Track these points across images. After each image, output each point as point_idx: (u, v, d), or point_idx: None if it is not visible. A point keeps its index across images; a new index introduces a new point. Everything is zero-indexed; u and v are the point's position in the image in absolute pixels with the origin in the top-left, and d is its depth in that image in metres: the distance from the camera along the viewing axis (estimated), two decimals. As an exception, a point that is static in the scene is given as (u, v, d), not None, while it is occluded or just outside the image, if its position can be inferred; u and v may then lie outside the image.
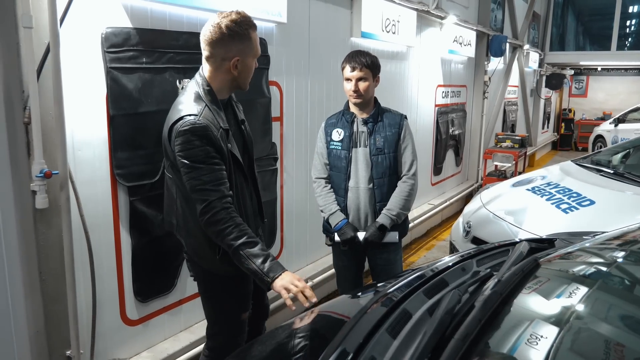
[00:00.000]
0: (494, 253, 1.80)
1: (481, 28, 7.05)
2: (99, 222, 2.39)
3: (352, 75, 2.69)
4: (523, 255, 1.52)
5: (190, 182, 1.93)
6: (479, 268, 1.60)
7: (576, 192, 3.58)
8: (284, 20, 3.27)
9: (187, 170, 1.92)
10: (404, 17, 4.86)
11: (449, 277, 1.49)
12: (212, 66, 2.02)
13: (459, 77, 6.93)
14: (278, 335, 1.71)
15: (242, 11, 2.03)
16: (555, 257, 1.61)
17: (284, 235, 3.72)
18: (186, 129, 1.89)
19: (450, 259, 1.85)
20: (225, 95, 2.12)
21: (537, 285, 1.41)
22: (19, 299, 2.04)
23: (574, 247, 1.71)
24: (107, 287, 2.48)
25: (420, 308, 1.27)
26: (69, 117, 2.17)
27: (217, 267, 2.10)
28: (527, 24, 9.75)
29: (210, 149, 1.92)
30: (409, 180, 2.76)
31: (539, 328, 1.20)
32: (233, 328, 2.24)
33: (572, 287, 1.40)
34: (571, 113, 15.49)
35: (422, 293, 1.38)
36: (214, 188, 1.92)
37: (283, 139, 3.58)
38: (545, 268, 1.49)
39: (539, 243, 1.87)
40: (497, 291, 1.18)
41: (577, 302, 1.33)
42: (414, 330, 1.14)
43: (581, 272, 1.51)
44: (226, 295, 2.18)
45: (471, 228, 3.73)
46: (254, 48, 2.06)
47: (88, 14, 2.22)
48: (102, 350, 2.48)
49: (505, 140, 7.53)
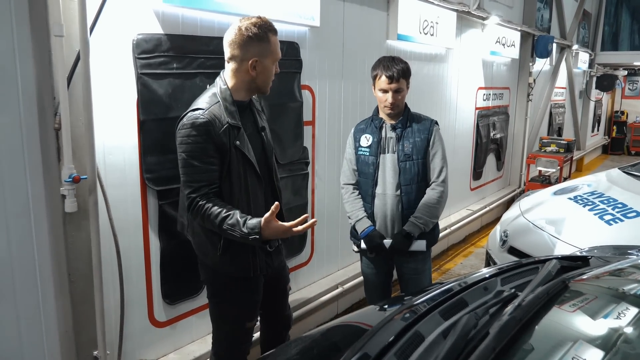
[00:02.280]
0: (524, 270, 1.71)
1: (526, 28, 6.81)
2: (128, 225, 2.44)
3: (390, 87, 2.61)
4: (551, 276, 1.43)
5: (183, 177, 2.04)
6: (503, 287, 1.52)
7: (622, 202, 3.40)
8: (316, 24, 3.24)
9: (182, 164, 2.02)
10: (443, 19, 4.74)
11: (469, 297, 1.42)
12: (232, 67, 2.08)
13: (502, 79, 6.72)
14: (296, 345, 1.68)
15: (264, 17, 2.10)
16: (586, 278, 1.51)
17: (314, 240, 3.70)
18: (188, 123, 1.97)
19: (478, 274, 1.78)
20: (243, 96, 2.14)
21: (566, 309, 1.32)
22: (49, 300, 2.10)
23: (609, 267, 1.60)
24: (136, 289, 2.52)
25: (435, 331, 1.21)
26: (100, 122, 2.22)
27: (220, 265, 2.13)
28: (577, 23, 9.37)
29: (209, 147, 1.99)
30: (437, 188, 2.68)
31: (562, 356, 1.12)
32: (237, 335, 2.25)
33: (604, 312, 1.31)
34: (624, 115, 14.77)
35: (439, 314, 1.32)
36: (195, 185, 2.00)
37: (315, 143, 3.55)
38: (575, 290, 1.39)
39: (572, 261, 1.76)
40: (516, 317, 1.11)
41: (608, 330, 1.24)
42: (425, 355, 1.09)
43: (615, 296, 1.40)
44: (231, 301, 2.20)
45: (508, 237, 3.60)
46: (273, 51, 2.10)
47: (119, 21, 2.26)
48: (130, 351, 2.53)
49: (550, 144, 7.26)
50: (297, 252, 3.55)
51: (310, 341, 1.55)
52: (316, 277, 3.78)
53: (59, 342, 2.15)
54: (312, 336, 1.64)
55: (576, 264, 1.71)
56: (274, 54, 2.11)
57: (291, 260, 3.50)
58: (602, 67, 11.83)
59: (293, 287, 3.56)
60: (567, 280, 1.40)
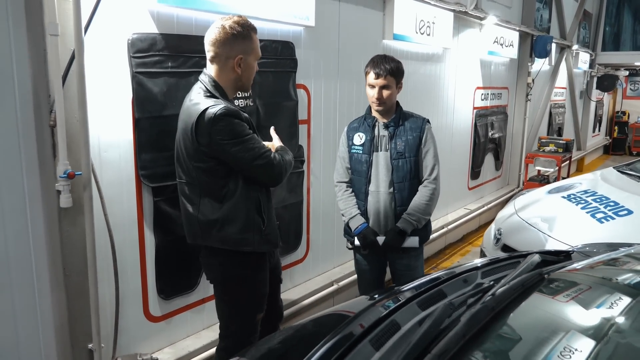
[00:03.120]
0: (506, 264, 1.74)
1: (524, 28, 6.83)
2: (123, 222, 2.48)
3: (376, 83, 2.66)
4: (530, 268, 1.47)
5: (249, 154, 2.07)
6: (483, 280, 1.56)
7: (614, 200, 3.43)
8: (311, 23, 3.28)
9: (239, 148, 2.05)
10: (440, 19, 4.77)
11: (449, 289, 1.46)
12: (217, 66, 2.14)
13: (500, 79, 6.75)
14: (285, 333, 1.73)
15: (243, 16, 2.18)
16: (563, 271, 1.54)
17: (310, 238, 3.74)
18: (223, 113, 2.01)
19: (462, 267, 1.81)
20: (230, 95, 2.21)
21: (540, 300, 1.36)
22: (45, 293, 2.14)
23: (586, 262, 1.63)
24: (131, 284, 2.56)
25: (411, 320, 1.25)
26: (96, 119, 2.27)
27: (261, 244, 2.21)
28: (577, 23, 9.38)
29: (246, 125, 2.08)
30: (429, 185, 2.72)
31: (534, 345, 1.16)
32: (248, 328, 2.29)
33: (573, 304, 1.34)
34: (625, 116, 14.75)
35: (417, 304, 1.36)
36: (267, 152, 2.14)
37: (310, 141, 3.59)
38: (552, 282, 1.43)
39: (555, 255, 1.80)
40: (488, 306, 1.15)
41: (579, 320, 1.27)
42: (400, 342, 1.13)
43: (587, 288, 1.44)
44: (244, 296, 2.25)
45: (502, 235, 3.64)
46: (255, 49, 2.19)
47: (115, 21, 2.31)
48: (125, 345, 2.57)
49: (548, 144, 7.28)
50: (293, 249, 3.59)
51: (294, 330, 1.59)
52: (312, 274, 3.82)
53: (54, 335, 2.20)
54: (298, 325, 1.68)
55: (558, 258, 1.75)
56: (256, 51, 2.20)
57: (286, 258, 3.54)
58: (603, 67, 11.82)
59: (288, 284, 3.60)
60: (543, 273, 1.44)
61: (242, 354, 1.46)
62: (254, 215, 2.17)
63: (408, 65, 4.59)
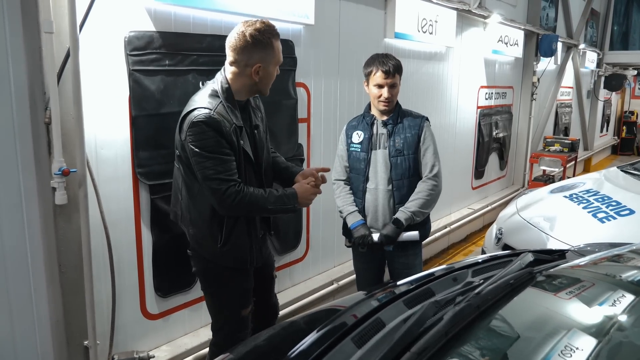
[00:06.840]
0: (499, 263, 1.73)
1: (529, 27, 6.78)
2: (120, 219, 2.49)
3: (386, 82, 2.64)
4: (520, 267, 1.45)
5: (203, 172, 1.99)
6: (473, 279, 1.55)
7: (616, 200, 3.39)
8: (311, 22, 3.27)
9: (200, 160, 1.99)
10: (443, 17, 4.75)
11: (437, 287, 1.45)
12: (234, 70, 2.09)
13: (505, 78, 6.70)
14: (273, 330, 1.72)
15: (267, 20, 2.09)
16: (554, 270, 1.52)
17: (310, 237, 3.73)
18: (201, 120, 1.97)
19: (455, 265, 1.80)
20: (243, 97, 2.17)
21: (528, 298, 1.34)
22: (41, 290, 2.16)
23: (578, 261, 1.61)
24: (128, 281, 2.57)
25: (396, 318, 1.24)
26: (92, 117, 2.28)
27: (218, 257, 2.17)
28: (584, 22, 9.30)
29: (222, 141, 2.00)
30: (429, 181, 2.70)
31: (519, 344, 1.15)
32: (234, 323, 2.29)
33: (562, 303, 1.32)
34: (634, 116, 14.61)
35: (403, 302, 1.35)
36: (227, 177, 2.01)
37: (310, 140, 3.58)
38: (541, 281, 1.41)
39: (549, 255, 1.78)
40: (472, 304, 1.14)
41: (569, 319, 1.26)
42: (382, 341, 1.12)
43: (577, 287, 1.42)
44: (225, 289, 2.25)
45: (503, 235, 3.61)
46: (276, 56, 2.12)
47: (112, 19, 2.31)
48: (122, 342, 2.58)
49: (553, 143, 7.22)
50: (293, 248, 3.59)
51: (282, 327, 1.58)
52: (311, 273, 3.81)
53: (50, 331, 2.21)
54: (288, 322, 1.67)
55: (552, 257, 1.73)
56: (277, 58, 2.13)
57: (286, 256, 3.54)
58: (611, 66, 11.71)
59: (288, 283, 3.60)
60: (534, 271, 1.42)
61: (231, 351, 1.45)
62: (214, 228, 2.12)
63: (410, 64, 4.59)
